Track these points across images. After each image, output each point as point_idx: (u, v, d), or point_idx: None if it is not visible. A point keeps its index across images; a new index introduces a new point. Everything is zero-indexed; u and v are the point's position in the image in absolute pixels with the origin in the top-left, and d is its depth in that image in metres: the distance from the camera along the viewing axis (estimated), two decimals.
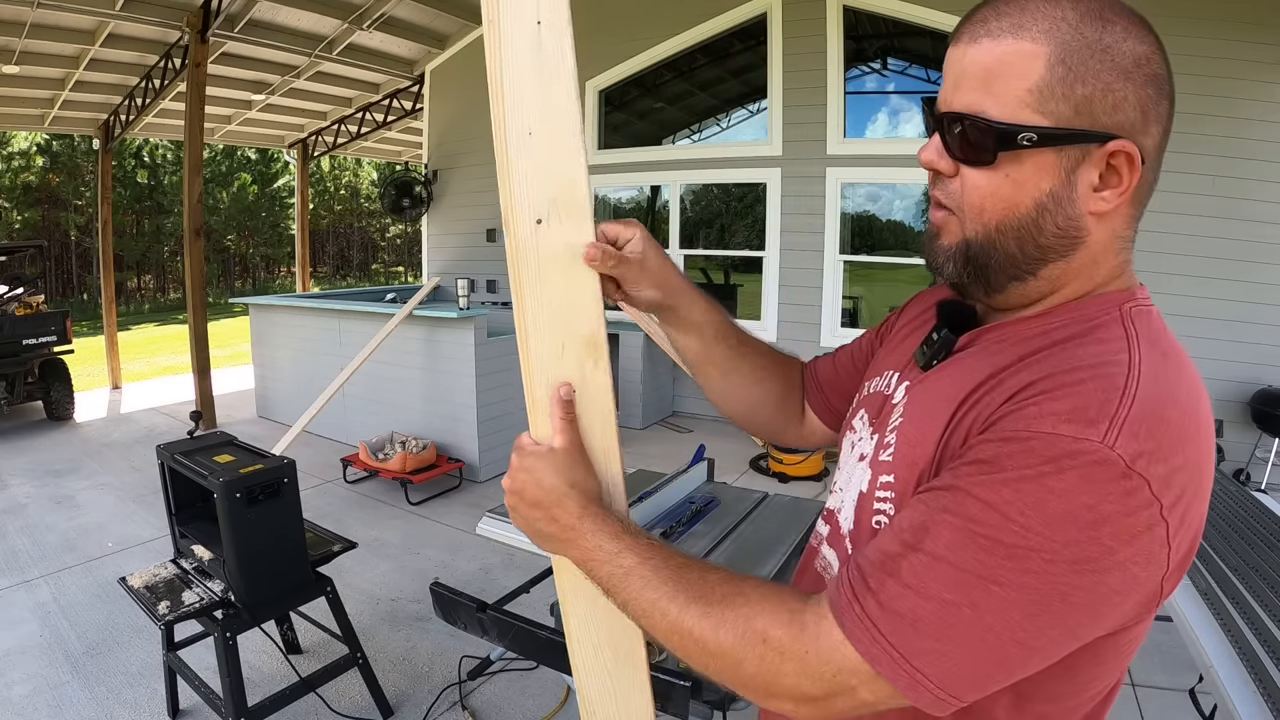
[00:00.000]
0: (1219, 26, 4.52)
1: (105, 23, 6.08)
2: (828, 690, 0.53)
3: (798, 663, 0.54)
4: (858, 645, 0.52)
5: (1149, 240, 4.66)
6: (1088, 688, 0.59)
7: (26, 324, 6.33)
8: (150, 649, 2.74)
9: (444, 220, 8.27)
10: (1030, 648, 0.49)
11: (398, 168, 14.01)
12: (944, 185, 0.61)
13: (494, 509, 2.14)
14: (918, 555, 0.51)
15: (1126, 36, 0.53)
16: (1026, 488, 0.48)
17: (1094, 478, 0.47)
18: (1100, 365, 0.51)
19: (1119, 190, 0.55)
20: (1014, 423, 0.51)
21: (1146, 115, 0.54)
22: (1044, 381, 0.52)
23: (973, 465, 0.51)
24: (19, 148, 19.47)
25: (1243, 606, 1.59)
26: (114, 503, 4.47)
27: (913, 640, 0.50)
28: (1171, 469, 0.48)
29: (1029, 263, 0.58)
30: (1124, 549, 0.47)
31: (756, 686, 0.56)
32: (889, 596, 0.51)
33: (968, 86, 0.56)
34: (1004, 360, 0.57)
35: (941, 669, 0.50)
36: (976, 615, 0.49)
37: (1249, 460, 4.60)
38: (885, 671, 0.51)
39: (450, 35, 7.77)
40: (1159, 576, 0.50)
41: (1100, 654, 0.55)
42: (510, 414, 5.09)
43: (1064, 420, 0.49)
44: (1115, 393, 0.49)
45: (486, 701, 2.51)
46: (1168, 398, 0.50)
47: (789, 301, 6.04)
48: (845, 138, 5.69)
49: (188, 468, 2.17)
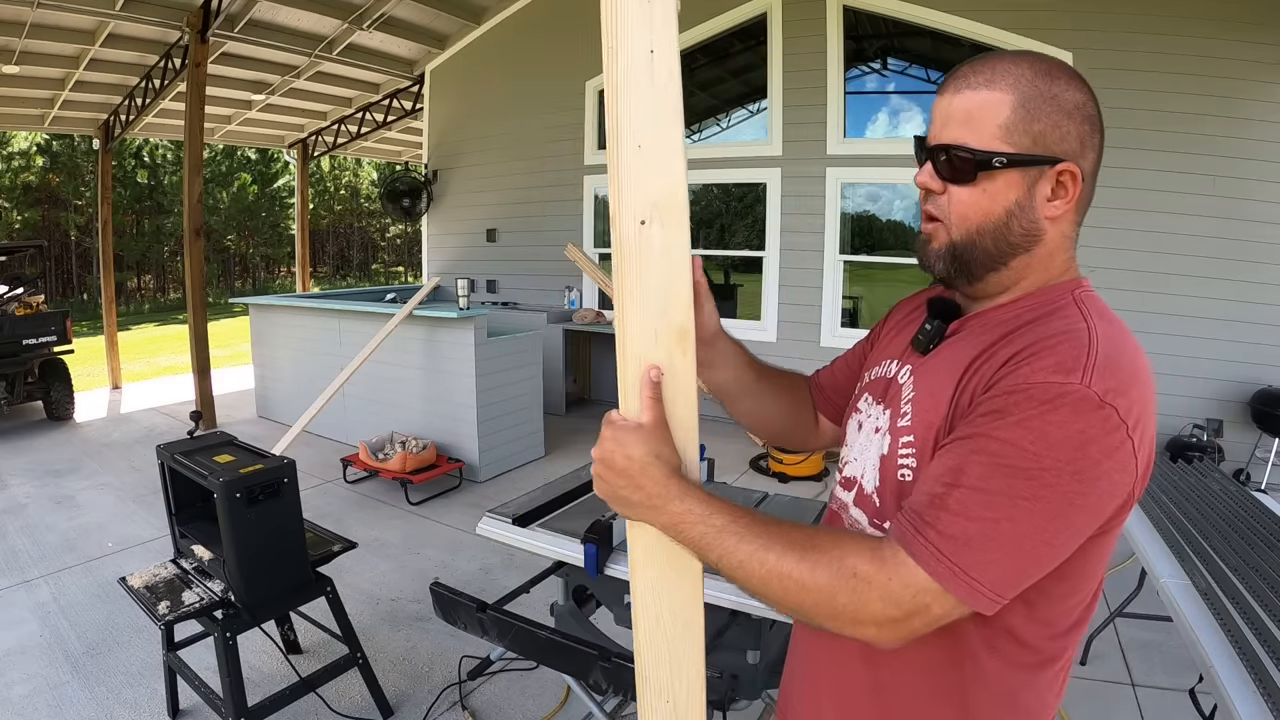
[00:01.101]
0: (1219, 26, 4.52)
1: (105, 23, 6.09)
2: (907, 611, 0.66)
3: (882, 589, 0.66)
4: (926, 567, 0.65)
5: (1149, 240, 4.69)
6: (1077, 590, 0.74)
7: (26, 324, 6.32)
8: (150, 649, 2.74)
9: (444, 220, 8.27)
10: (1054, 545, 0.65)
11: (398, 168, 14.01)
12: (934, 200, 0.79)
13: (494, 509, 2.14)
14: (959, 490, 0.66)
15: (1069, 88, 0.73)
16: (1032, 424, 0.64)
17: (1080, 409, 0.63)
18: (1068, 332, 0.68)
19: (1066, 200, 0.75)
20: (1013, 380, 0.67)
21: (1084, 144, 0.74)
22: (1030, 347, 0.68)
23: (986, 416, 0.67)
24: (19, 148, 19.47)
25: (1243, 606, 1.59)
26: (114, 503, 4.47)
27: (967, 555, 0.64)
28: (1130, 400, 0.65)
29: (1001, 256, 0.77)
30: (1107, 460, 0.64)
31: (847, 616, 0.67)
32: (945, 525, 0.65)
33: (953, 125, 0.75)
34: (991, 338, 0.74)
35: (992, 575, 0.64)
36: (1013, 526, 0.64)
37: (1249, 460, 4.60)
38: (949, 584, 0.64)
39: (450, 35, 7.77)
40: (1131, 482, 0.67)
41: (1087, 555, 0.70)
42: (510, 414, 5.10)
43: (1051, 371, 0.65)
44: (1084, 348, 0.66)
45: (486, 701, 2.51)
46: (1118, 352, 0.67)
47: (789, 301, 6.04)
48: (845, 138, 5.69)
49: (188, 468, 2.17)
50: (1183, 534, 2.05)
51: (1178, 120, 4.58)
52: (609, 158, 0.71)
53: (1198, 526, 2.09)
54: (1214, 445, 4.53)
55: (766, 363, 1.08)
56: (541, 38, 7.11)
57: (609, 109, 0.69)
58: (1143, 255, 4.71)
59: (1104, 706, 2.46)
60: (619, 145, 0.69)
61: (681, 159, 0.71)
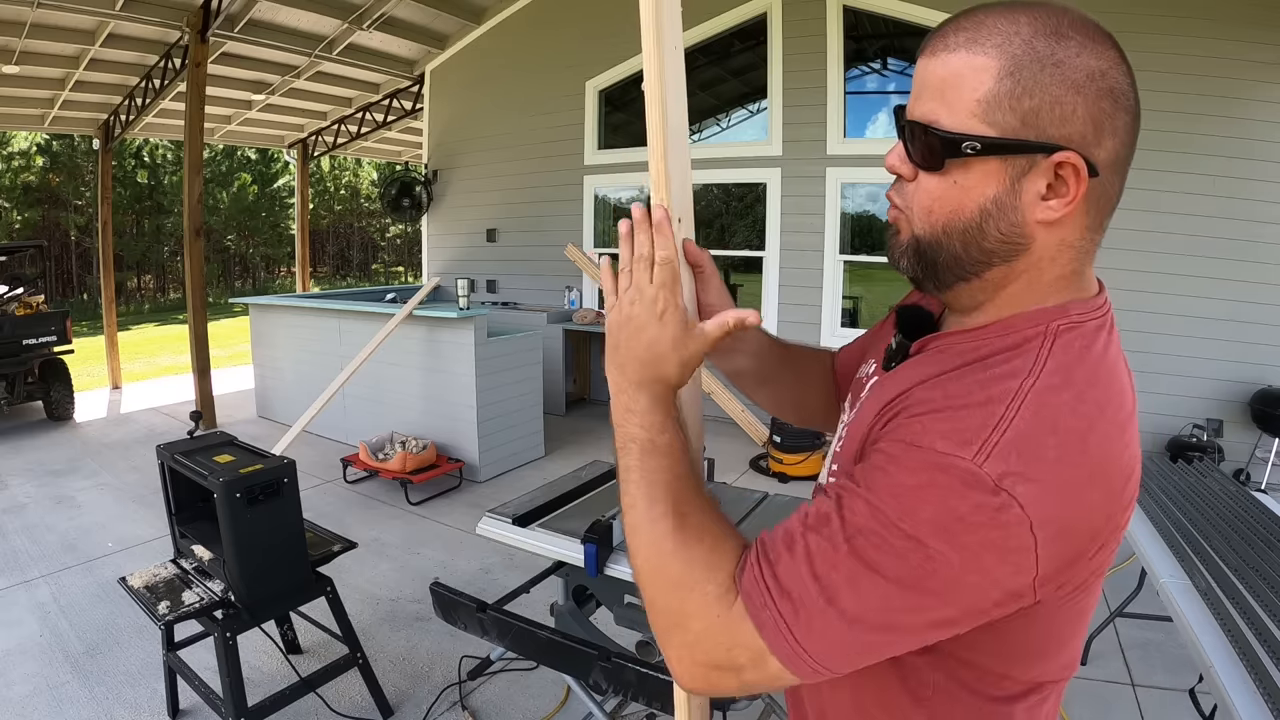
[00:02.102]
0: (1219, 26, 4.52)
1: (105, 23, 6.09)
2: (718, 663, 0.59)
3: (706, 624, 0.59)
4: (755, 619, 0.56)
5: (1149, 240, 4.69)
6: (1024, 669, 0.64)
7: (26, 324, 6.33)
8: (150, 649, 2.74)
9: (444, 220, 8.27)
10: (901, 631, 0.55)
11: (398, 168, 14.01)
12: (900, 186, 0.66)
13: (494, 509, 2.14)
14: (815, 537, 0.56)
15: (1081, 51, 0.55)
16: (905, 495, 0.53)
17: (962, 490, 0.52)
18: (989, 400, 0.55)
19: (1066, 200, 0.57)
20: (905, 433, 0.56)
21: (1099, 128, 0.56)
22: (940, 399, 0.57)
23: (870, 467, 0.57)
24: (19, 148, 19.46)
25: (1243, 606, 1.59)
26: (114, 503, 4.47)
27: (796, 615, 0.55)
28: (1044, 489, 0.52)
29: (973, 264, 0.62)
30: (988, 556, 0.52)
31: (664, 623, 0.61)
32: (783, 572, 0.56)
33: (925, 97, 0.61)
34: (929, 372, 0.62)
35: (818, 643, 0.55)
36: (855, 597, 0.54)
37: (1249, 460, 4.60)
38: (770, 640, 0.56)
39: (450, 35, 7.77)
40: (1028, 580, 0.53)
41: (1004, 637, 0.60)
42: (510, 414, 5.10)
43: (942, 436, 0.54)
44: (993, 420, 0.53)
45: (486, 701, 2.51)
46: (1049, 426, 0.54)
47: (789, 301, 6.04)
48: (845, 138, 5.70)
49: (188, 468, 2.17)
50: (1183, 534, 2.05)
51: (1178, 120, 4.57)
52: (653, 156, 0.70)
53: (1198, 526, 2.09)
54: (1214, 445, 4.53)
55: (790, 343, 1.00)
56: (541, 38, 7.11)
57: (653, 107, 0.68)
58: (1143, 255, 4.71)
59: (1104, 706, 2.46)
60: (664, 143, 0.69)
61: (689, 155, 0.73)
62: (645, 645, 1.95)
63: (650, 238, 0.68)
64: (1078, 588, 0.59)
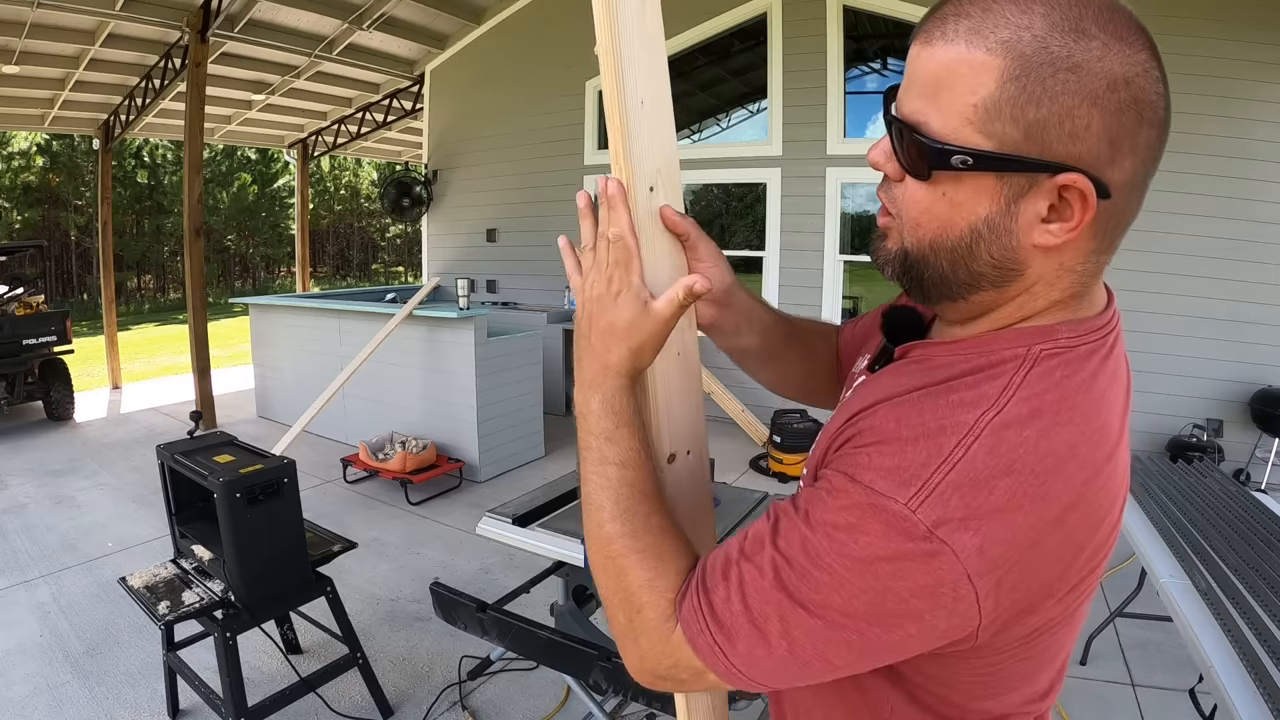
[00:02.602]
0: (1219, 26, 4.52)
1: (105, 23, 6.08)
2: (663, 675, 0.60)
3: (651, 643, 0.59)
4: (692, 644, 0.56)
5: (1150, 240, 4.68)
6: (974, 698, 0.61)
7: (26, 324, 6.33)
8: (150, 649, 2.74)
9: (444, 220, 8.27)
10: (829, 662, 0.53)
11: (398, 168, 14.01)
12: (889, 188, 0.59)
13: (494, 509, 2.14)
14: (748, 565, 0.54)
15: (1105, 54, 0.46)
16: (836, 532, 0.50)
17: (892, 536, 0.48)
18: (940, 431, 0.50)
19: (1069, 226, 0.50)
20: (850, 462, 0.53)
21: (1116, 146, 0.48)
22: (890, 429, 0.52)
23: (811, 493, 0.54)
24: (19, 148, 19.46)
25: (1243, 606, 1.59)
26: (114, 503, 4.47)
27: (730, 643, 0.54)
28: (985, 536, 0.47)
29: (960, 286, 0.56)
30: (919, 602, 0.49)
31: (618, 630, 0.62)
32: (718, 600, 0.55)
33: (915, 92, 0.53)
34: (900, 386, 0.57)
35: (753, 669, 0.55)
36: (784, 629, 0.52)
37: (1249, 460, 4.60)
38: (708, 662, 0.56)
39: (450, 35, 7.77)
40: (971, 626, 0.50)
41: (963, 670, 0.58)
42: (510, 414, 5.10)
43: (881, 474, 0.50)
44: (937, 458, 0.49)
45: (486, 701, 2.51)
46: (1001, 467, 0.48)
47: (789, 301, 6.04)
48: (845, 138, 5.69)
49: (188, 468, 2.17)
50: (1183, 534, 2.05)
51: (1178, 120, 4.41)
52: (609, 122, 0.66)
53: (1198, 526, 2.09)
54: (1214, 445, 4.53)
55: (796, 318, 0.94)
56: (542, 38, 7.11)
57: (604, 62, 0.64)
58: (1143, 255, 4.71)
59: (1104, 706, 2.46)
60: (624, 103, 0.64)
61: (672, 117, 0.68)
62: None
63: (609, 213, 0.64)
64: (1040, 631, 0.55)
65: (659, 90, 0.66)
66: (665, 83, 0.67)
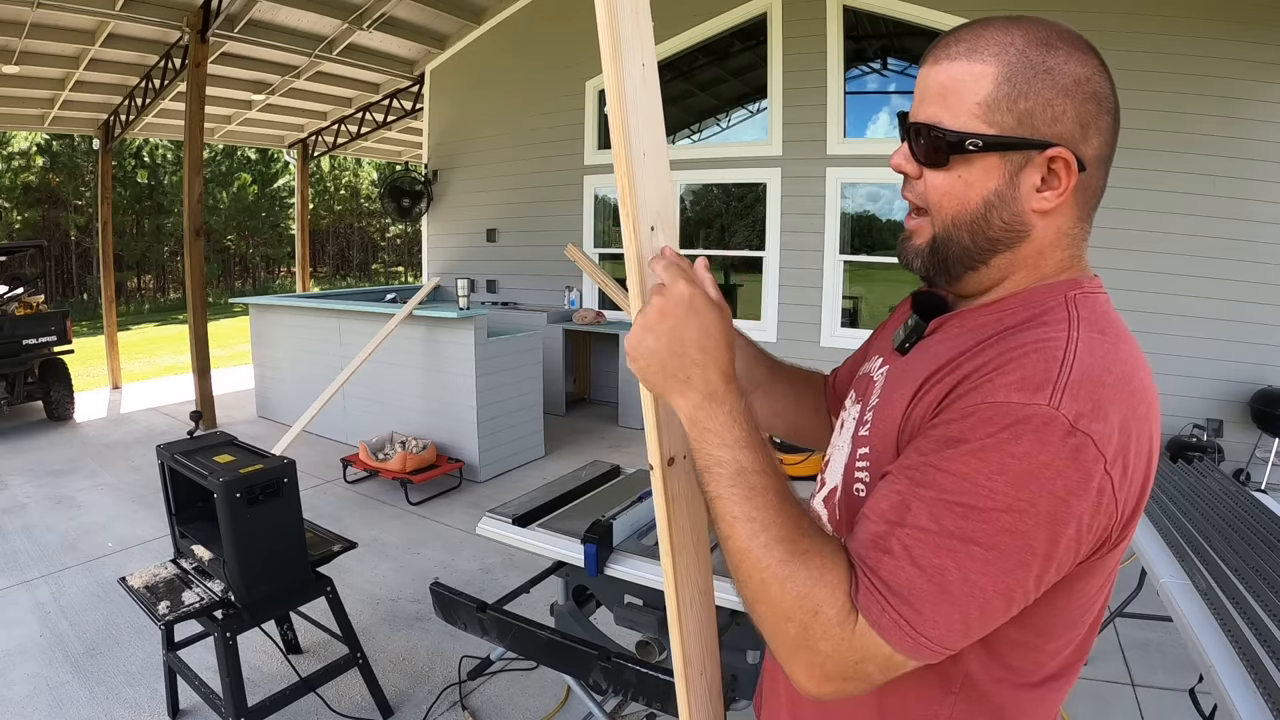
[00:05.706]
0: (1219, 26, 4.51)
1: (105, 23, 6.08)
2: (847, 676, 0.59)
3: (834, 645, 0.59)
4: (880, 631, 0.57)
5: (1149, 240, 4.69)
6: (1049, 641, 0.66)
7: (26, 324, 6.33)
8: (150, 649, 2.74)
9: (444, 220, 8.27)
10: (1009, 596, 0.56)
11: (398, 168, 14.01)
12: (912, 186, 0.71)
13: (494, 509, 2.14)
14: (904, 530, 0.58)
15: (1069, 60, 0.62)
16: (989, 455, 0.55)
17: (1044, 438, 0.54)
18: (1042, 342, 0.59)
19: (1058, 191, 0.64)
20: (972, 398, 0.58)
21: (1086, 127, 0.63)
22: (994, 360, 0.59)
23: (939, 441, 0.58)
24: (19, 148, 19.45)
25: (1243, 606, 1.59)
26: (114, 503, 4.47)
27: (914, 610, 0.56)
28: (1109, 426, 0.55)
29: (980, 253, 0.68)
30: (1078, 501, 0.55)
31: (786, 645, 0.60)
32: (888, 572, 0.57)
33: (929, 101, 0.67)
34: (963, 345, 0.65)
35: (940, 631, 0.57)
36: (963, 575, 0.55)
37: (1249, 460, 4.60)
38: (896, 643, 0.57)
39: (450, 35, 7.77)
40: (1108, 524, 0.57)
41: (1054, 605, 0.62)
42: (510, 414, 5.10)
43: (1014, 389, 0.56)
44: (1055, 362, 0.57)
45: (486, 701, 2.51)
46: (1103, 366, 0.57)
47: (789, 301, 6.04)
48: (845, 138, 5.69)
49: (188, 468, 2.17)
50: (1183, 534, 2.05)
51: (1178, 120, 4.57)
52: (616, 170, 0.73)
53: (1198, 526, 2.09)
54: (1214, 445, 4.53)
55: (782, 361, 1.04)
56: (541, 38, 7.11)
57: (613, 120, 0.71)
58: (1143, 255, 4.71)
59: (1104, 706, 2.46)
60: (628, 155, 0.72)
61: (668, 166, 0.78)
62: (645, 645, 1.95)
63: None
64: (1122, 541, 0.61)
65: (657, 142, 0.75)
66: (662, 136, 0.76)
